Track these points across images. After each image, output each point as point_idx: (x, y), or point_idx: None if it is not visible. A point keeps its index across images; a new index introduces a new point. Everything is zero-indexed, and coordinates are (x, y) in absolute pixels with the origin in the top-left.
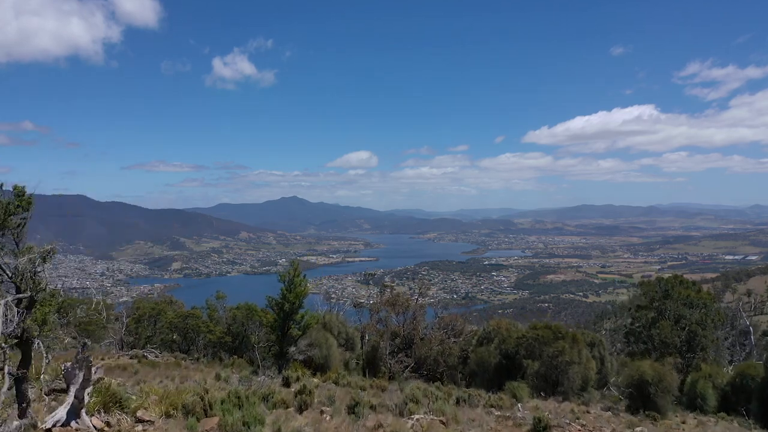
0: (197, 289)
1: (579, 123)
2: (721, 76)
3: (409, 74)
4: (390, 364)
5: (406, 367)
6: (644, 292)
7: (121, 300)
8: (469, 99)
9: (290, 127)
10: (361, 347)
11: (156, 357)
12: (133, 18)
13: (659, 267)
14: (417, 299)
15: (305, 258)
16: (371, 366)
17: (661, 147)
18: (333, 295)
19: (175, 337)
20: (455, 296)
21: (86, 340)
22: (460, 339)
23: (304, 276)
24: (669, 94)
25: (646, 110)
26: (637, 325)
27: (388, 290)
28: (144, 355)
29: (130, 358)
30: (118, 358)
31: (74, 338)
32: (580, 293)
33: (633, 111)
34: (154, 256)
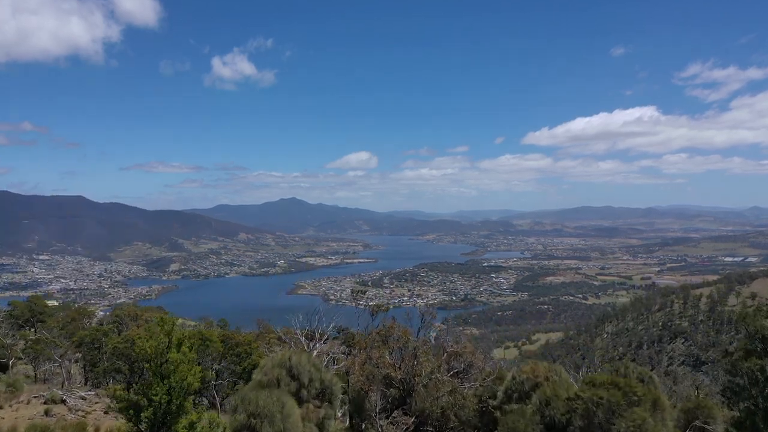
0: (195, 290)
1: (579, 124)
2: (722, 77)
3: (409, 74)
4: (381, 426)
5: (405, 430)
6: (751, 331)
7: (118, 301)
8: (469, 99)
9: (290, 128)
10: (345, 399)
11: (82, 398)
12: (132, 17)
13: (658, 269)
14: (419, 331)
15: (304, 259)
16: (357, 421)
17: (661, 148)
18: (332, 297)
19: (121, 366)
20: (454, 298)
21: None
22: (477, 383)
23: (192, 347)
24: (669, 95)
25: (647, 111)
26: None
27: (381, 316)
28: (63, 400)
29: (45, 402)
30: (28, 403)
31: (19, 359)
32: (580, 295)
33: (634, 113)
34: (153, 258)
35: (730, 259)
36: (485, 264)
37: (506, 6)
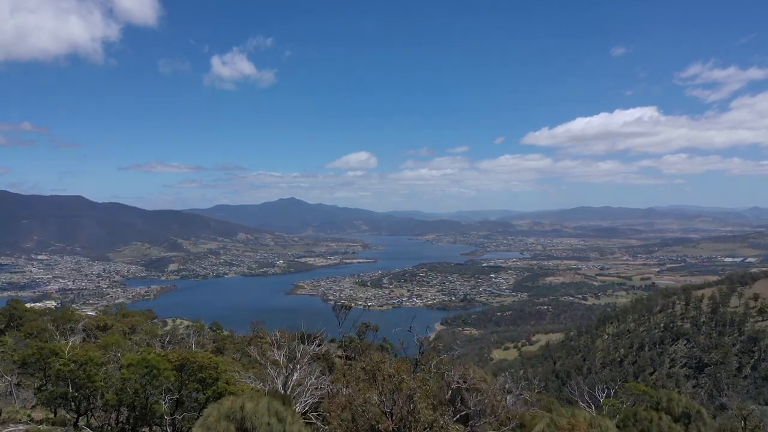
0: (194, 290)
1: (580, 124)
2: (722, 77)
3: (409, 74)
4: None
5: None
6: None
7: (116, 302)
8: (469, 99)
9: (289, 128)
10: None
11: None
12: (132, 16)
13: (658, 269)
14: (416, 364)
15: (303, 259)
16: None
17: (661, 149)
18: (330, 297)
19: (68, 390)
20: (454, 298)
21: None
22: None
23: None
24: (670, 96)
25: (647, 112)
26: None
27: (363, 340)
28: None
29: None
30: None
31: None
32: (579, 295)
33: (634, 113)
34: (152, 258)
35: (729, 259)
36: (484, 264)
37: (506, 6)
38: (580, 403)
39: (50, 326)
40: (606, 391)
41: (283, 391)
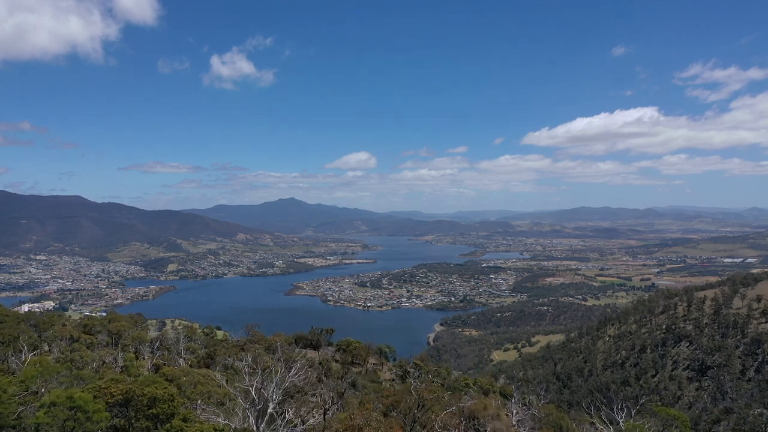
0: (193, 291)
1: (580, 125)
2: (722, 77)
3: (410, 74)
4: None
5: None
6: None
7: (115, 302)
8: (469, 100)
9: (289, 128)
10: None
11: None
12: (131, 15)
13: (658, 270)
14: (414, 421)
15: (302, 260)
16: None
17: (661, 149)
18: (330, 298)
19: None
20: (453, 299)
21: None
22: None
23: None
24: (670, 96)
25: (648, 112)
26: None
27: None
28: None
29: None
30: None
31: None
32: (579, 296)
33: (634, 113)
34: (151, 258)
35: (729, 260)
36: (484, 265)
37: (506, 6)
38: (597, 425)
39: (33, 333)
40: (625, 410)
41: (255, 428)
